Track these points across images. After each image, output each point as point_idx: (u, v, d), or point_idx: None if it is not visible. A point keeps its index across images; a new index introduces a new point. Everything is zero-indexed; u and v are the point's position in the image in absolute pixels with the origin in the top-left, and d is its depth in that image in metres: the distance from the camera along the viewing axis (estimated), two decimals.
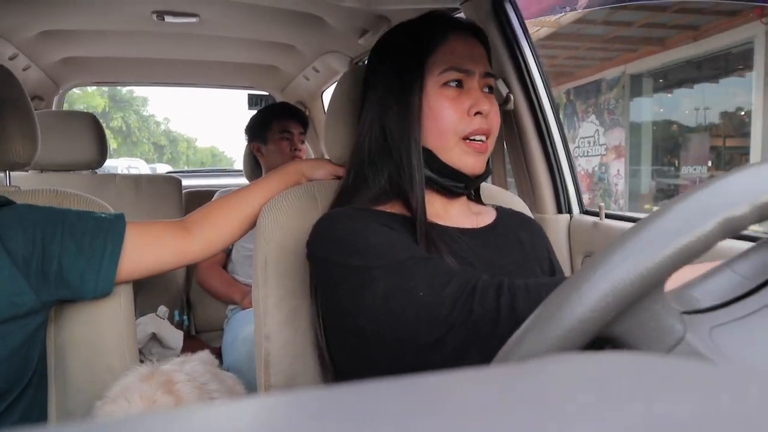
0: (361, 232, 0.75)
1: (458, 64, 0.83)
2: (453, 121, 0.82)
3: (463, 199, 0.92)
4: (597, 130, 7.72)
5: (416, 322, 0.67)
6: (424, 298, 0.67)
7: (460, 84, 0.84)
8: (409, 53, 0.85)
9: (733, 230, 0.32)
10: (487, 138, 0.84)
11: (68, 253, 0.82)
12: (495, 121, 0.86)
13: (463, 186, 0.86)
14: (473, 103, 0.83)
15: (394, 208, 0.86)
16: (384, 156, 0.86)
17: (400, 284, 0.69)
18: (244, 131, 2.07)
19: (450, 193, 0.87)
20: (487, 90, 0.87)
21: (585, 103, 7.87)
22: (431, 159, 0.84)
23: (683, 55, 6.39)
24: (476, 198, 0.99)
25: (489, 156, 0.88)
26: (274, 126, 1.95)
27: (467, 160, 0.84)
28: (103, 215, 0.89)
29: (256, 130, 2.01)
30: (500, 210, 0.96)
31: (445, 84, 0.83)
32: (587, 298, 0.32)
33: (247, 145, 2.10)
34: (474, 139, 0.83)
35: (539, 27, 6.41)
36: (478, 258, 0.83)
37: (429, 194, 0.86)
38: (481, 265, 0.82)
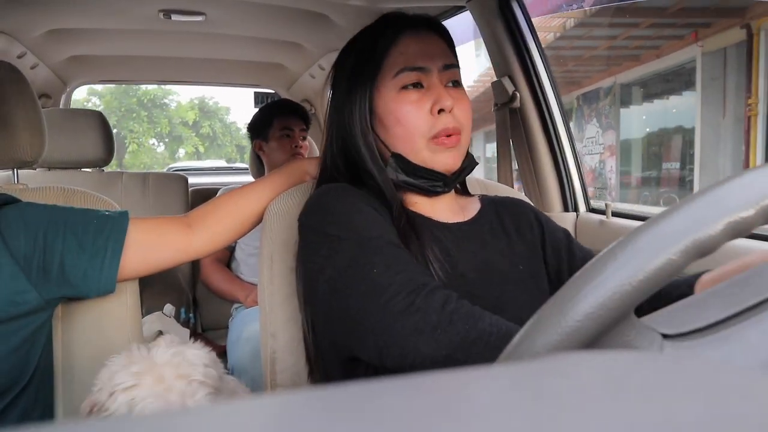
0: (345, 206, 0.77)
1: (410, 63, 0.82)
2: (417, 123, 0.81)
3: (450, 195, 0.91)
4: (597, 131, 8.76)
5: (363, 300, 0.67)
6: (376, 277, 0.67)
7: (420, 85, 0.82)
8: (362, 60, 0.84)
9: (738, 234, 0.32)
10: (457, 133, 0.82)
11: (70, 252, 0.82)
12: (463, 114, 0.83)
13: (442, 184, 0.85)
14: (435, 101, 0.81)
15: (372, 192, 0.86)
16: (349, 162, 0.87)
17: (361, 258, 0.70)
18: (246, 129, 2.08)
19: (432, 194, 0.86)
20: (452, 84, 0.85)
21: (589, 108, 8.77)
22: (404, 163, 0.83)
23: (653, 69, 7.36)
24: (463, 190, 0.97)
25: (467, 149, 0.87)
26: (275, 124, 1.95)
27: (439, 158, 0.82)
28: (107, 213, 0.89)
29: (257, 129, 2.00)
30: (484, 199, 0.95)
31: (404, 87, 0.82)
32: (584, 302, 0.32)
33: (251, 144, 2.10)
34: (442, 137, 0.81)
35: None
36: (461, 251, 0.82)
37: (411, 195, 0.86)
38: (465, 256, 0.82)
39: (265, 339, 0.95)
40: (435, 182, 0.84)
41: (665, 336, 0.34)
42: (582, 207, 1.52)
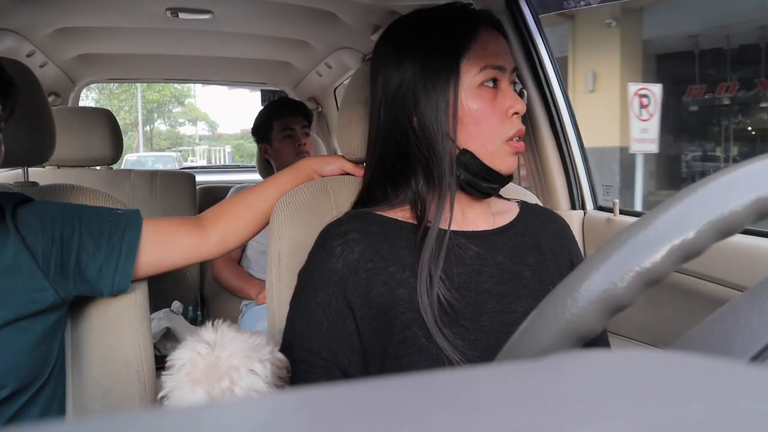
0: (307, 299, 0.79)
1: (493, 61, 0.79)
2: (496, 124, 0.79)
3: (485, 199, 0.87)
4: None
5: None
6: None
7: (495, 83, 0.80)
8: (439, 48, 0.79)
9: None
10: (520, 138, 0.82)
11: (86, 249, 0.83)
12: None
13: (497, 186, 0.84)
14: (510, 105, 0.80)
15: (405, 215, 0.82)
16: (407, 157, 0.82)
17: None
18: (251, 132, 2.07)
19: (481, 195, 0.84)
20: (513, 86, 0.83)
21: None
22: (472, 161, 0.80)
23: None
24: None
25: None
26: (276, 125, 1.94)
27: (508, 162, 0.81)
28: (120, 211, 0.90)
29: (260, 133, 2.00)
30: (524, 207, 0.91)
31: (482, 84, 0.79)
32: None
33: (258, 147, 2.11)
34: (514, 140, 0.81)
35: None
36: (484, 264, 0.79)
37: (456, 198, 0.83)
38: (489, 270, 0.79)
39: (273, 336, 0.95)
40: (492, 184, 0.83)
41: None
42: (589, 205, 1.51)
